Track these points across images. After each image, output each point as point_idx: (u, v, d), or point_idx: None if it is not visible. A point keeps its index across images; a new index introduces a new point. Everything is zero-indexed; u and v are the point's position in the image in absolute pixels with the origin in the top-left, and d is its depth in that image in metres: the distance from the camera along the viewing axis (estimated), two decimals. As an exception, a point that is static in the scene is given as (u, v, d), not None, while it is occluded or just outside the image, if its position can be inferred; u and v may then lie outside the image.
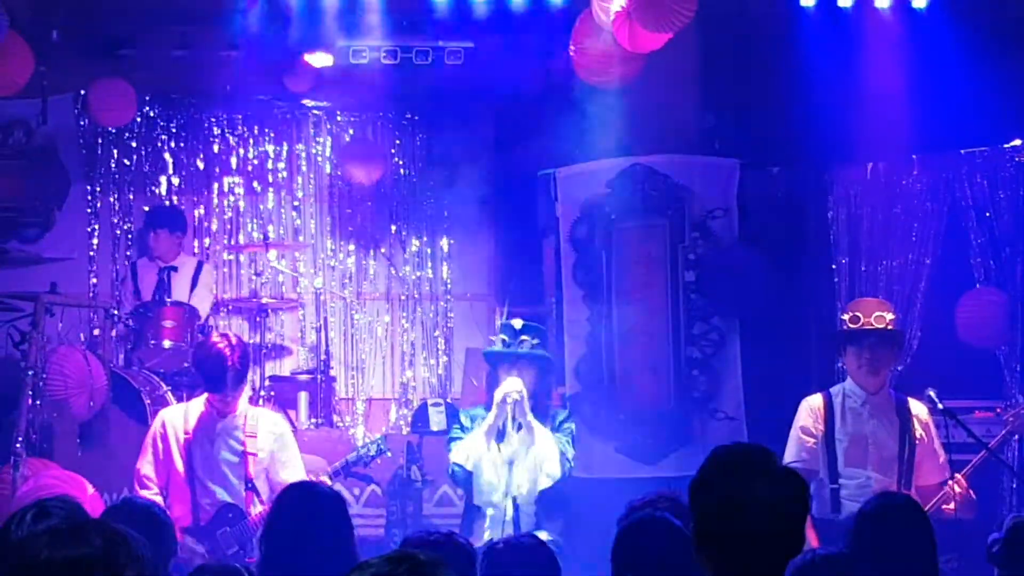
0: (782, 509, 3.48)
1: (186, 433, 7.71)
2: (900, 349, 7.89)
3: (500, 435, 7.45)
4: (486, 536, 7.40)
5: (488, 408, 7.69)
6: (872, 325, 7.28)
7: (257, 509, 7.58)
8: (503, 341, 7.74)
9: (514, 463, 7.35)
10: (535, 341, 7.74)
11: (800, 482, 3.57)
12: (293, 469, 7.76)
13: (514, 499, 7.30)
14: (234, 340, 7.79)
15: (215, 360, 7.65)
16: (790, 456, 7.23)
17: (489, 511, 7.45)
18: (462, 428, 7.69)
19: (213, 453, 7.69)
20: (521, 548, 4.90)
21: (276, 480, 7.63)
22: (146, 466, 7.70)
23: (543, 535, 7.22)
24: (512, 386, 7.49)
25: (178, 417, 7.81)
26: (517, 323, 7.79)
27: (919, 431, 7.30)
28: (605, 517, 6.86)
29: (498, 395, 7.52)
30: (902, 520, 5.10)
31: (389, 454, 8.13)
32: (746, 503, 3.45)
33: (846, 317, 7.44)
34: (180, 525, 7.15)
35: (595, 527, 7.64)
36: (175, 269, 10.53)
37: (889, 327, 7.38)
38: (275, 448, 7.75)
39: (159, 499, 7.29)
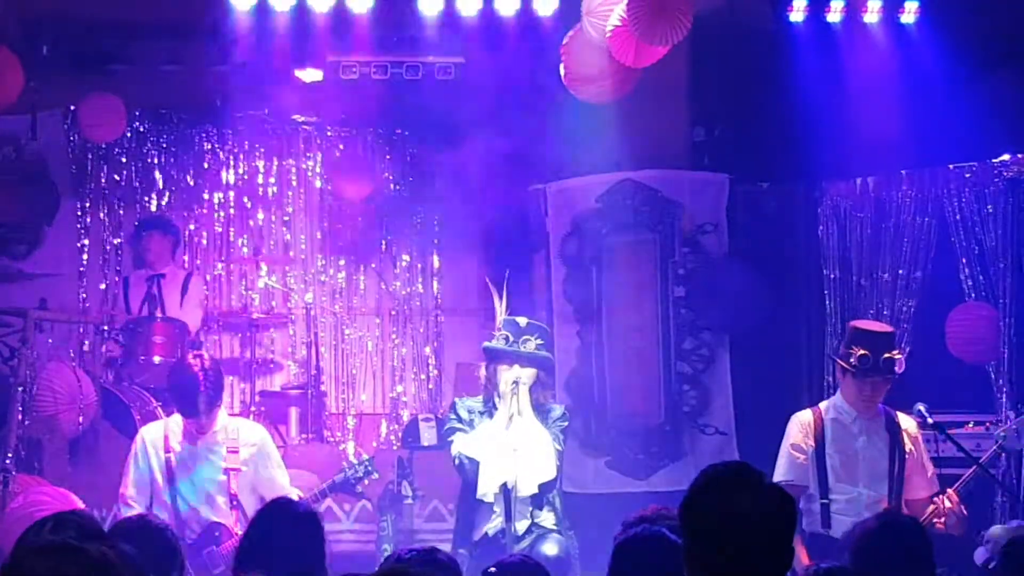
0: (770, 525, 3.50)
1: (167, 451, 7.64)
2: None
3: (507, 421, 7.38)
4: (483, 527, 7.39)
5: (486, 400, 7.64)
6: (879, 370, 7.19)
7: (242, 528, 7.52)
8: (505, 338, 7.63)
9: (515, 452, 7.26)
10: (539, 341, 7.65)
11: (787, 498, 3.59)
12: (279, 478, 7.74)
13: (508, 490, 7.23)
14: (207, 363, 7.67)
15: (187, 386, 7.57)
16: (781, 472, 7.21)
17: (488, 499, 7.40)
18: (459, 419, 7.62)
19: (195, 470, 7.63)
20: (518, 569, 4.88)
21: (265, 493, 7.61)
22: (129, 487, 7.64)
23: (551, 548, 7.25)
24: (520, 373, 7.47)
25: (158, 435, 7.74)
26: (522, 320, 7.71)
27: (908, 445, 7.29)
28: (596, 532, 6.87)
29: (507, 381, 7.47)
30: (906, 542, 5.07)
31: (376, 475, 8.02)
32: (735, 520, 3.47)
33: (856, 353, 7.17)
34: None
35: (586, 542, 7.66)
36: (163, 276, 10.49)
37: (898, 369, 7.27)
38: (258, 459, 7.71)
39: None
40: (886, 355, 7.17)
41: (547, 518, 7.48)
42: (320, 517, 5.26)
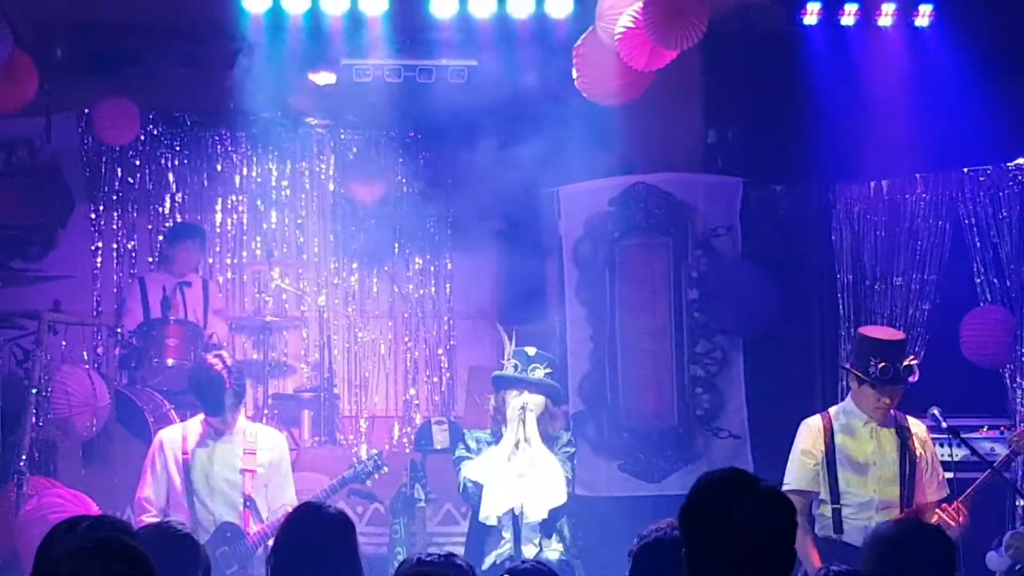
0: (768, 530, 3.49)
1: (184, 453, 7.69)
2: None
3: (513, 448, 7.41)
4: (492, 554, 7.39)
5: (494, 431, 7.68)
6: (901, 378, 7.19)
7: (255, 527, 7.56)
8: (514, 366, 7.70)
9: (522, 478, 7.31)
10: (547, 370, 7.73)
11: (786, 502, 3.58)
12: (286, 488, 7.77)
13: (516, 516, 7.26)
14: (229, 361, 7.75)
15: (213, 384, 7.63)
16: (792, 478, 7.19)
17: (490, 523, 7.42)
18: (467, 448, 7.68)
19: (212, 472, 7.68)
20: (530, 574, 4.87)
21: (271, 500, 7.65)
22: (145, 490, 7.70)
23: (554, 555, 7.26)
24: (528, 399, 7.50)
25: (176, 437, 7.80)
26: (531, 350, 7.79)
27: (918, 449, 7.28)
28: (609, 535, 6.87)
29: (515, 407, 7.49)
30: (929, 549, 5.03)
31: (386, 470, 8.10)
32: (731, 526, 3.47)
33: (876, 366, 7.12)
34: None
35: (600, 545, 7.66)
36: (189, 284, 10.50)
37: (914, 378, 7.28)
38: (273, 465, 7.74)
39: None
40: (905, 364, 7.17)
41: (555, 548, 7.48)
42: (352, 519, 5.24)
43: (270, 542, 6.26)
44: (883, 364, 7.10)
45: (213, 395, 7.66)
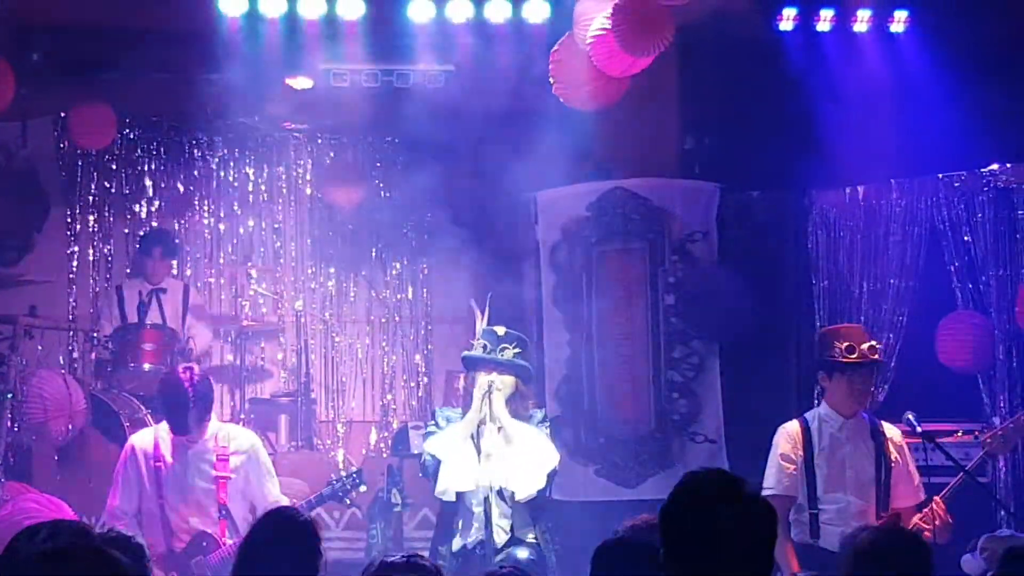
0: (749, 534, 3.50)
1: (156, 460, 7.56)
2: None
3: (478, 429, 7.28)
4: (461, 539, 7.34)
5: (465, 411, 7.58)
6: (868, 356, 7.25)
7: (231, 538, 7.44)
8: (483, 346, 7.56)
9: (490, 458, 7.20)
10: (516, 350, 7.60)
11: (767, 507, 3.59)
12: (269, 485, 7.69)
13: (486, 497, 7.20)
14: (197, 377, 7.56)
15: (176, 403, 7.49)
16: (770, 483, 7.21)
17: (446, 497, 7.35)
18: (437, 425, 7.57)
19: (186, 481, 7.55)
20: None
21: (256, 500, 7.58)
22: (117, 498, 7.57)
23: (523, 552, 7.23)
24: (497, 378, 7.41)
25: (148, 442, 7.65)
26: (500, 330, 7.63)
27: (894, 454, 7.31)
28: (585, 540, 6.86)
29: (481, 386, 7.37)
30: (906, 556, 5.04)
31: (363, 488, 7.97)
32: (714, 529, 3.47)
33: (841, 347, 7.24)
34: (153, 553, 7.00)
35: (575, 550, 7.64)
36: (164, 291, 10.48)
37: (879, 356, 7.39)
38: (248, 466, 7.66)
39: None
40: (866, 344, 7.25)
41: (527, 534, 7.42)
42: (318, 527, 5.23)
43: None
44: (846, 344, 7.21)
45: (176, 413, 7.52)
